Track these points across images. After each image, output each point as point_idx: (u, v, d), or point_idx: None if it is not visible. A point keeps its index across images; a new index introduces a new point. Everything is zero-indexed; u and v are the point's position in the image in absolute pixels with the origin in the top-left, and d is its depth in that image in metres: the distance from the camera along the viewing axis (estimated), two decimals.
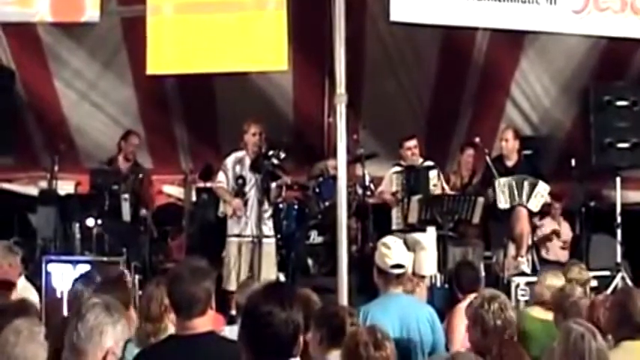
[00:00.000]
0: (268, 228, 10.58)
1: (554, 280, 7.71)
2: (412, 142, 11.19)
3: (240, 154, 10.70)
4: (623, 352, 5.36)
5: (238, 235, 10.45)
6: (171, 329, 5.07)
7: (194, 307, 4.39)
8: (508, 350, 5.00)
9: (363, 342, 4.59)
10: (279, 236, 11.11)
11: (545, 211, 12.48)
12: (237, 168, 10.63)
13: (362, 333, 4.70)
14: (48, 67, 12.27)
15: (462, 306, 7.90)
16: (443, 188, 11.17)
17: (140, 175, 11.98)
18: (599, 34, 9.59)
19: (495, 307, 5.62)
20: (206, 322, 4.45)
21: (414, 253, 10.37)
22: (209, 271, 4.58)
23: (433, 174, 11.05)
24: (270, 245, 10.52)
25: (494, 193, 10.95)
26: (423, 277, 10.42)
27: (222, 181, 10.74)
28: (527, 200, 11.04)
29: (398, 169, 11.18)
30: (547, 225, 12.83)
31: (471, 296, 7.85)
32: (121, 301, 4.97)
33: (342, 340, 5.08)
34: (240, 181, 10.51)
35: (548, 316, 7.04)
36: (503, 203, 10.96)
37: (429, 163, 11.26)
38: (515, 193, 11.00)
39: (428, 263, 10.73)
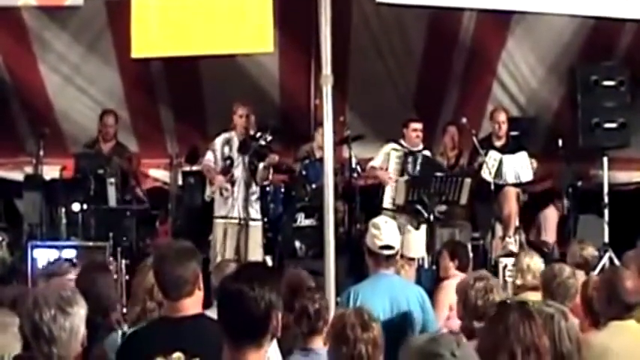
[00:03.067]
0: (255, 211, 10.56)
1: (528, 260, 7.69)
2: (419, 125, 11.13)
3: (229, 134, 10.69)
4: (612, 332, 5.36)
5: (225, 217, 10.43)
6: None
7: (182, 289, 4.36)
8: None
9: (351, 324, 4.57)
10: (265, 219, 11.09)
11: None
12: (226, 149, 10.62)
13: (349, 315, 4.68)
14: (32, 52, 12.21)
15: (447, 283, 7.93)
16: None
17: (127, 154, 11.95)
18: (586, 13, 9.56)
19: (480, 286, 5.68)
20: (195, 303, 4.43)
21: (402, 236, 10.35)
22: (194, 251, 4.55)
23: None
24: (256, 228, 10.50)
25: (484, 159, 10.96)
26: (411, 259, 10.40)
27: (209, 159, 10.73)
28: (519, 176, 11.08)
29: (397, 147, 11.09)
30: None
31: (460, 274, 7.90)
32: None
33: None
34: (227, 161, 10.49)
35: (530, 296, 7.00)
36: (487, 175, 10.97)
37: (428, 152, 11.27)
38: (504, 171, 11.02)
39: (416, 246, 10.71)
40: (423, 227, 10.80)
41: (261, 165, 10.53)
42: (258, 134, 10.42)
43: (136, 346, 4.46)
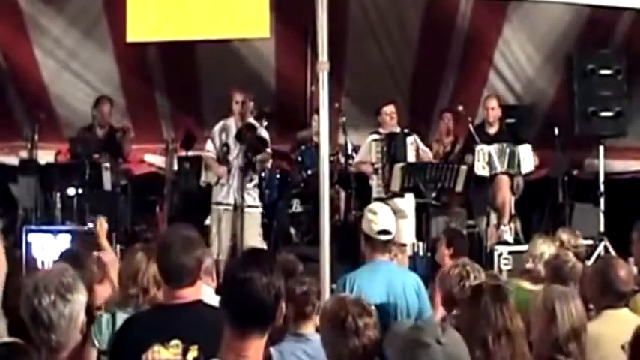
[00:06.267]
0: (252, 198, 10.50)
1: (544, 247, 7.68)
2: (390, 108, 11.08)
3: (227, 121, 10.63)
4: (605, 321, 5.36)
5: (220, 204, 10.41)
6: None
7: (185, 278, 4.33)
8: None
9: (358, 312, 4.55)
10: (261, 205, 11.08)
11: None
12: (223, 136, 10.57)
13: (349, 303, 4.66)
14: (28, 37, 12.19)
15: None
16: (417, 154, 11.07)
17: (120, 133, 11.79)
18: (583, 2, 9.55)
19: (455, 272, 5.74)
20: (195, 291, 4.38)
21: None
22: (199, 240, 4.51)
23: (410, 140, 10.99)
24: (254, 215, 10.45)
25: (473, 157, 10.92)
26: (403, 245, 10.38)
27: (210, 150, 10.69)
28: (519, 167, 11.03)
29: (376, 137, 11.10)
30: None
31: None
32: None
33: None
34: (224, 148, 10.46)
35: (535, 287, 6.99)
36: (480, 170, 10.94)
37: (407, 131, 11.21)
38: (496, 161, 10.98)
39: (407, 231, 10.66)
40: (413, 213, 10.79)
41: (258, 157, 10.51)
42: (254, 124, 10.41)
43: (133, 334, 4.41)
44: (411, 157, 10.91)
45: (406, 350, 3.20)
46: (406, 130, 11.06)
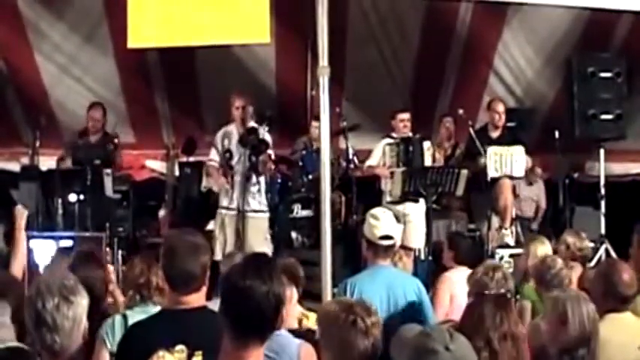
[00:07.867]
0: (258, 202, 10.45)
1: (544, 249, 7.70)
2: (406, 115, 11.12)
3: (228, 127, 10.63)
4: (608, 324, 5.36)
5: (225, 208, 10.39)
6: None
7: (190, 284, 4.31)
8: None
9: (360, 314, 4.54)
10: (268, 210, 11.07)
11: None
12: (225, 142, 10.56)
13: (354, 305, 4.65)
14: (28, 41, 12.17)
15: (449, 275, 7.93)
16: (433, 159, 11.10)
17: (111, 146, 11.78)
18: (583, 5, 9.55)
19: (499, 276, 5.72)
20: (200, 297, 4.37)
21: (402, 225, 10.31)
22: (205, 245, 4.48)
23: (427, 145, 11.00)
24: (258, 220, 10.40)
25: (484, 160, 10.91)
26: (410, 249, 10.37)
27: (214, 159, 10.66)
28: (510, 169, 11.03)
29: (390, 140, 11.08)
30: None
31: (461, 267, 7.88)
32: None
33: None
34: (227, 155, 10.45)
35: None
36: (493, 171, 10.94)
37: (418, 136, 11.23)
38: (502, 163, 11.00)
39: (416, 236, 10.63)
40: (422, 214, 10.76)
41: (260, 157, 10.50)
42: (257, 127, 10.40)
43: (138, 339, 4.39)
44: (428, 162, 10.93)
45: (414, 357, 3.18)
46: (418, 136, 11.09)
